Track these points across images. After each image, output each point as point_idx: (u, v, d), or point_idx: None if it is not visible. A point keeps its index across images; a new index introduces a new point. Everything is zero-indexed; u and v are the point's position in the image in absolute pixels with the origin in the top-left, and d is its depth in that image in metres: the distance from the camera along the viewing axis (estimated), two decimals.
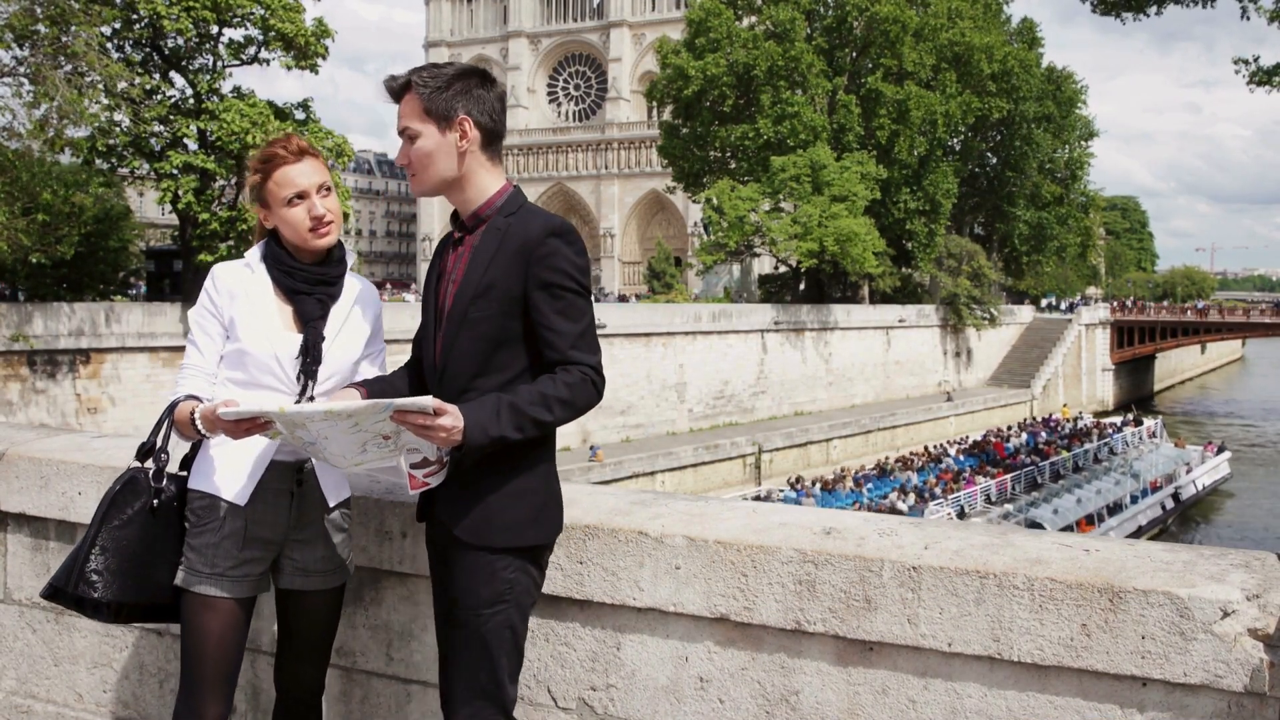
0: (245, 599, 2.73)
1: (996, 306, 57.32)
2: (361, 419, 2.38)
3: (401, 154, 2.62)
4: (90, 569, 2.68)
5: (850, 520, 2.71)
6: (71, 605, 2.73)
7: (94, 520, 2.73)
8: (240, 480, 2.72)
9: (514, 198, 2.64)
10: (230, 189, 29.83)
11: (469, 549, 2.55)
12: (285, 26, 27.84)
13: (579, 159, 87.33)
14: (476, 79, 2.60)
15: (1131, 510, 36.35)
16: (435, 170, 2.59)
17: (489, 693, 2.54)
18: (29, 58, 22.57)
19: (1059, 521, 31.57)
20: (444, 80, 2.56)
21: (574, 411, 2.50)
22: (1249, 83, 17.31)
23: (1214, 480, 43.73)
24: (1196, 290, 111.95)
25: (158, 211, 52.99)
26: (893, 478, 36.42)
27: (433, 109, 2.55)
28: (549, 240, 2.53)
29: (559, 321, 2.51)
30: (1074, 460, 40.59)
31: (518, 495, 2.56)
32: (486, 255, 2.56)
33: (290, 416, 2.40)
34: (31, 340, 24.40)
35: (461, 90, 2.57)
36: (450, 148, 2.57)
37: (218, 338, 2.75)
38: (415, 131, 2.57)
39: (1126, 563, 2.34)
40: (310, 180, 2.73)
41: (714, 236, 47.61)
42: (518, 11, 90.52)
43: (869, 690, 2.52)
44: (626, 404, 37.88)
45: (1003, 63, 53.20)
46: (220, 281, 2.77)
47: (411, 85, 2.57)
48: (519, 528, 2.56)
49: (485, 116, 2.59)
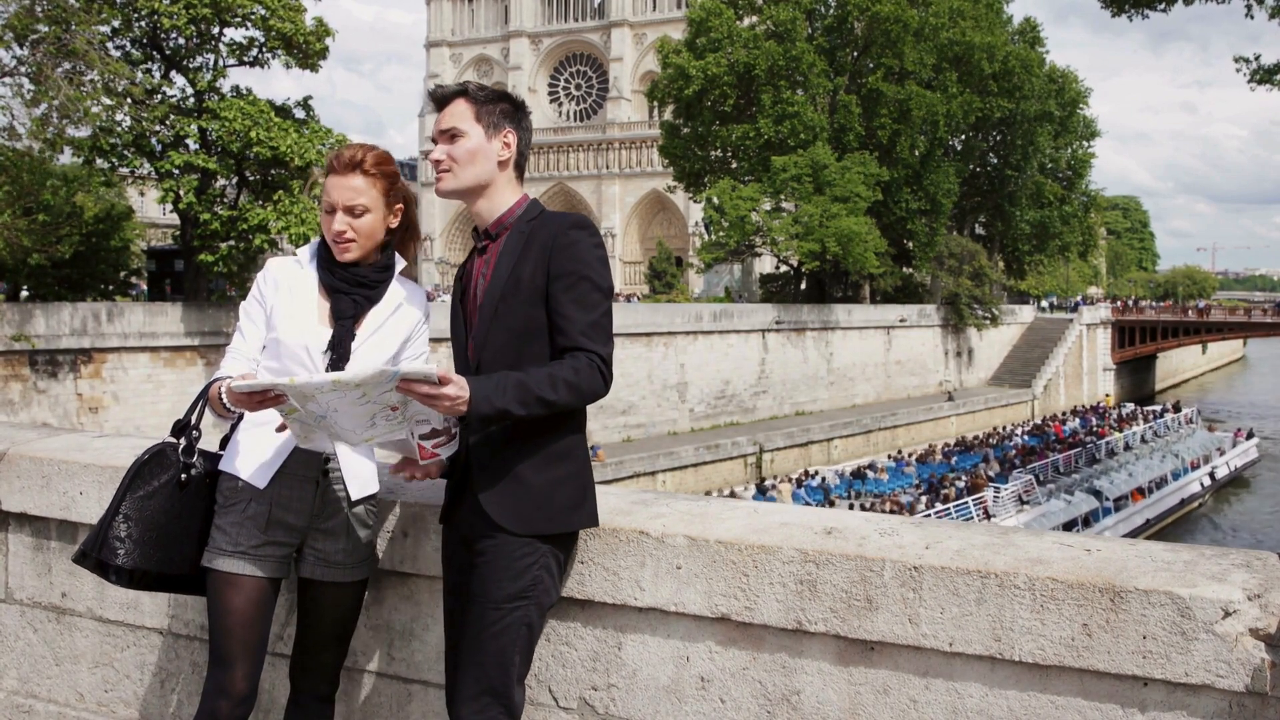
0: (268, 578, 2.80)
1: (998, 306, 57.31)
2: (369, 389, 2.43)
3: (439, 150, 2.71)
4: (114, 535, 2.79)
5: (851, 520, 2.71)
6: (95, 569, 2.83)
7: (119, 488, 2.83)
8: (262, 464, 2.80)
9: (534, 205, 2.76)
10: (231, 188, 29.85)
11: (503, 541, 2.58)
12: (285, 26, 27.86)
13: (580, 159, 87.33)
14: (519, 107, 2.77)
15: (1174, 485, 40.69)
16: (473, 170, 2.69)
17: (497, 690, 2.55)
18: (30, 57, 22.58)
19: (1115, 491, 36.58)
20: (496, 96, 2.72)
21: (579, 396, 2.55)
22: (1249, 81, 17.29)
23: (1245, 462, 48.54)
24: (1198, 290, 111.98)
25: (159, 211, 53.08)
26: (974, 452, 42.79)
27: (483, 116, 2.69)
28: (570, 232, 2.63)
29: (572, 309, 2.58)
30: (1124, 440, 45.61)
31: (561, 482, 2.63)
32: (513, 253, 2.65)
33: (300, 388, 2.45)
34: (33, 340, 24.41)
35: (509, 110, 2.74)
36: (492, 154, 2.70)
37: (261, 325, 2.85)
38: (462, 131, 2.69)
39: (1128, 562, 2.34)
40: (341, 197, 2.81)
41: (715, 236, 47.61)
42: (519, 11, 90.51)
43: (870, 690, 2.52)
44: (628, 404, 37.89)
45: (1004, 62, 53.15)
46: (270, 273, 2.89)
47: (466, 93, 2.71)
48: (565, 513, 2.64)
49: (523, 139, 2.76)
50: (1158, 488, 39.54)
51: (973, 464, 39.34)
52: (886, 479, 37.34)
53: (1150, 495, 38.38)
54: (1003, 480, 35.10)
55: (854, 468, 39.16)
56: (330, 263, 2.85)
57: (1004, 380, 58.46)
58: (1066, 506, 34.11)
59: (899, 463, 40.15)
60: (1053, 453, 41.77)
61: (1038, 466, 38.40)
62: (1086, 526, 32.97)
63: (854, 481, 36.41)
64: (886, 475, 37.98)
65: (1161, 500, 38.94)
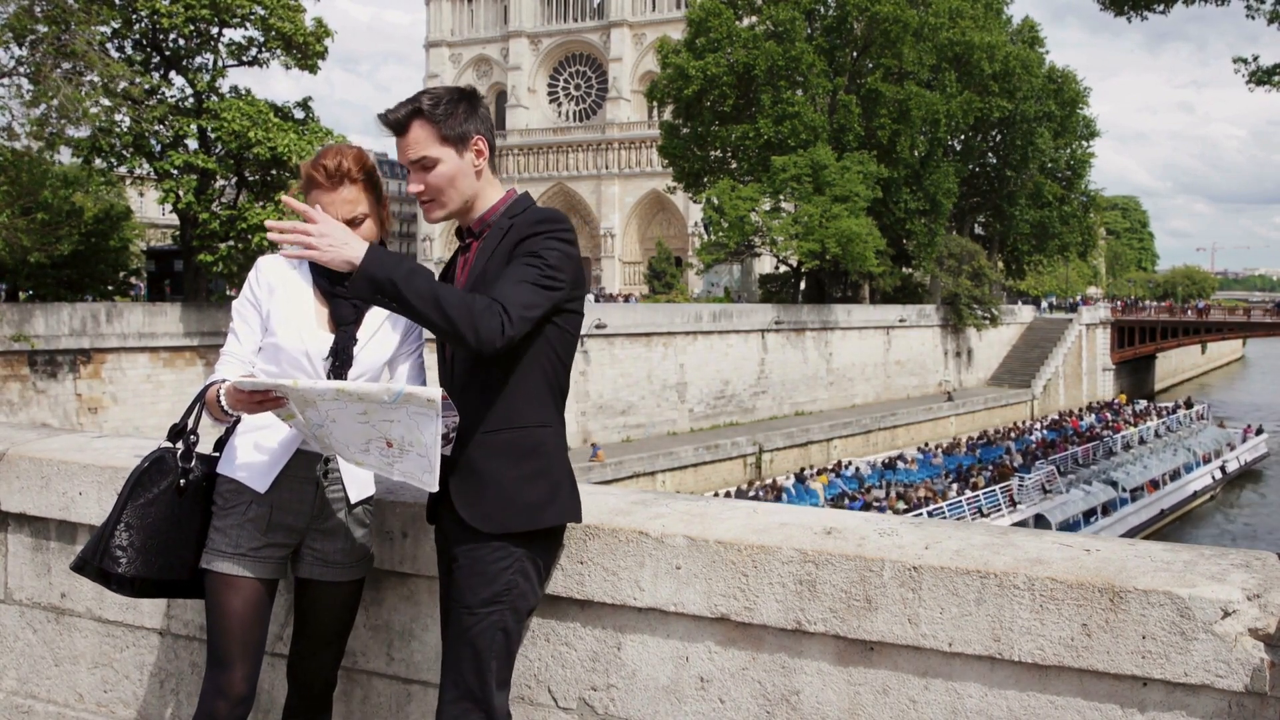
0: (267, 580, 2.80)
1: (997, 306, 57.32)
2: (371, 407, 2.38)
3: (415, 182, 2.61)
4: (115, 544, 2.77)
5: (851, 520, 2.71)
6: (96, 578, 2.82)
7: (120, 496, 2.81)
8: (263, 468, 2.79)
9: (521, 200, 2.70)
10: (230, 189, 29.85)
11: (477, 544, 2.56)
12: (285, 27, 27.86)
13: (579, 159, 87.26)
14: (472, 98, 2.64)
15: (1188, 477, 42.37)
16: (458, 192, 2.62)
17: (474, 694, 2.53)
18: (29, 57, 22.58)
19: (1131, 482, 38.28)
20: (452, 104, 2.58)
21: (452, 325, 2.36)
22: (1249, 82, 17.31)
23: (1254, 457, 50.03)
24: (1197, 290, 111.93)
25: (158, 211, 53.05)
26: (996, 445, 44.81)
27: (449, 134, 2.57)
28: (539, 224, 2.58)
29: (507, 277, 2.49)
30: (1139, 435, 47.39)
31: (530, 478, 2.59)
32: (489, 250, 2.61)
33: (303, 392, 2.43)
34: (32, 340, 24.40)
35: (469, 111, 2.60)
36: (469, 169, 2.62)
37: (257, 328, 2.82)
38: (434, 159, 2.58)
39: (1127, 562, 2.34)
40: (339, 213, 2.74)
41: (714, 236, 47.60)
42: (518, 11, 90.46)
43: (870, 690, 2.52)
44: (627, 404, 37.89)
45: (1004, 62, 53.15)
46: (262, 274, 2.84)
47: (423, 114, 2.56)
48: (534, 511, 2.59)
49: (489, 133, 2.65)
50: (1171, 480, 41.07)
51: (996, 456, 41.08)
52: (916, 469, 38.95)
53: (1164, 487, 39.93)
54: (1026, 470, 36.29)
55: (885, 459, 40.73)
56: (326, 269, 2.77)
57: (1003, 380, 58.47)
58: (1086, 496, 35.41)
59: (926, 454, 41.84)
60: (1071, 446, 43.21)
61: (1058, 458, 39.81)
62: (1105, 515, 34.99)
63: (885, 472, 38.03)
64: (916, 466, 39.60)
65: (1175, 492, 40.51)
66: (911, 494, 32.12)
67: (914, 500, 31.05)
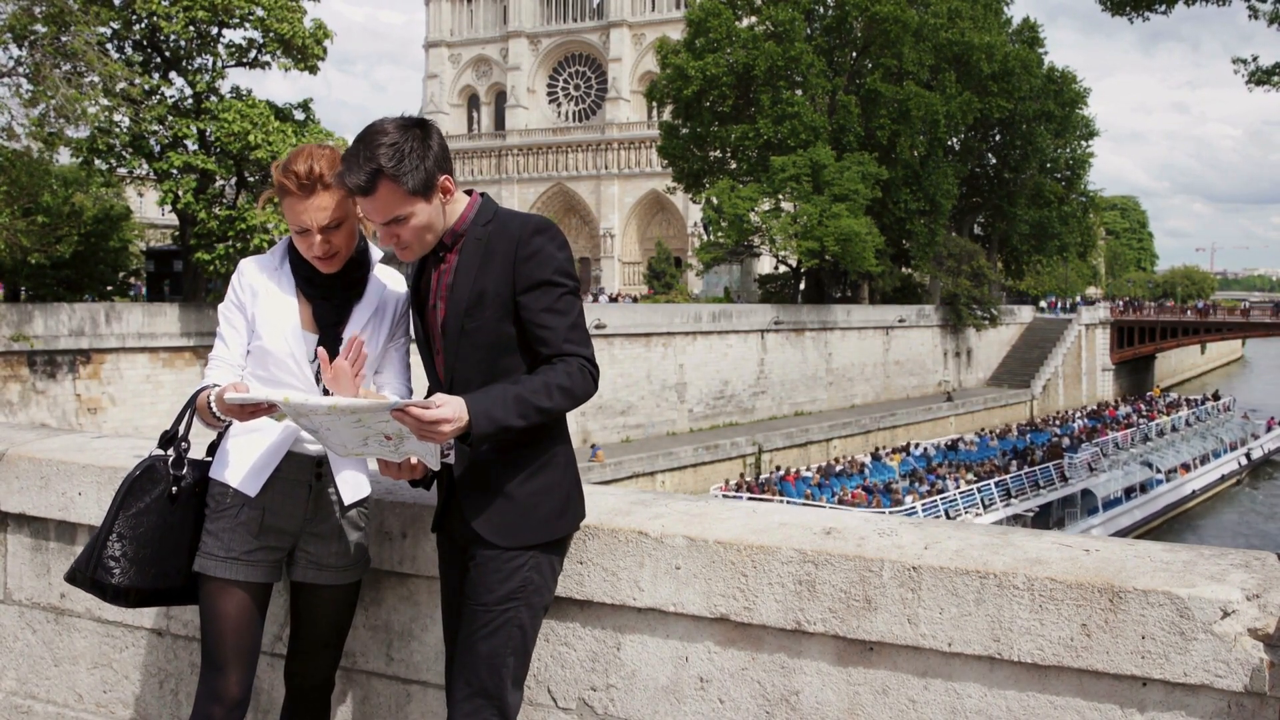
0: (260, 584, 2.79)
1: (996, 306, 57.32)
2: (365, 416, 2.39)
3: (387, 237, 2.55)
4: (108, 555, 2.76)
5: (850, 520, 2.71)
6: (89, 588, 2.80)
7: (112, 505, 2.79)
8: (254, 472, 2.77)
9: (485, 206, 2.65)
10: (230, 189, 29.84)
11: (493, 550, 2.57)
12: (284, 28, 27.83)
13: (579, 159, 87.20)
14: (424, 131, 2.52)
15: (1216, 462, 46.64)
16: (434, 234, 2.59)
17: (490, 692, 2.54)
18: (28, 57, 22.58)
19: (1165, 464, 42.48)
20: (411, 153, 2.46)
21: (572, 400, 2.52)
22: (1248, 82, 17.33)
23: (1277, 446, 54.38)
24: (1197, 290, 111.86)
25: (158, 212, 53.00)
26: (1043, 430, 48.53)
27: (416, 186, 2.49)
28: (533, 239, 2.56)
29: (549, 318, 2.54)
30: (1171, 423, 51.23)
31: (545, 491, 2.61)
32: (472, 265, 2.57)
33: (295, 407, 2.43)
34: (32, 340, 24.40)
35: (424, 152, 2.49)
36: (439, 209, 2.57)
37: (243, 331, 2.80)
38: (407, 214, 2.51)
39: (1126, 563, 2.34)
40: (316, 220, 2.67)
41: (714, 236, 47.59)
42: (518, 11, 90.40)
43: (869, 690, 2.52)
44: (627, 404, 37.88)
45: (1003, 62, 53.16)
46: (245, 278, 2.81)
47: (384, 173, 2.45)
48: (550, 523, 2.61)
49: (447, 160, 2.58)
50: (1201, 464, 45.29)
51: (1044, 440, 44.83)
52: (975, 450, 43.35)
53: (1195, 469, 44.12)
54: (1073, 452, 40.50)
55: (948, 441, 44.77)
56: (306, 270, 2.78)
57: (1003, 380, 58.47)
58: (1125, 474, 39.44)
59: (983, 437, 46.67)
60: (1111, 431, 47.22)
61: (1101, 441, 43.98)
62: (1143, 492, 39.66)
63: (949, 453, 42.10)
64: (975, 447, 43.97)
65: (1205, 474, 44.59)
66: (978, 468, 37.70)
67: (981, 473, 36.37)
